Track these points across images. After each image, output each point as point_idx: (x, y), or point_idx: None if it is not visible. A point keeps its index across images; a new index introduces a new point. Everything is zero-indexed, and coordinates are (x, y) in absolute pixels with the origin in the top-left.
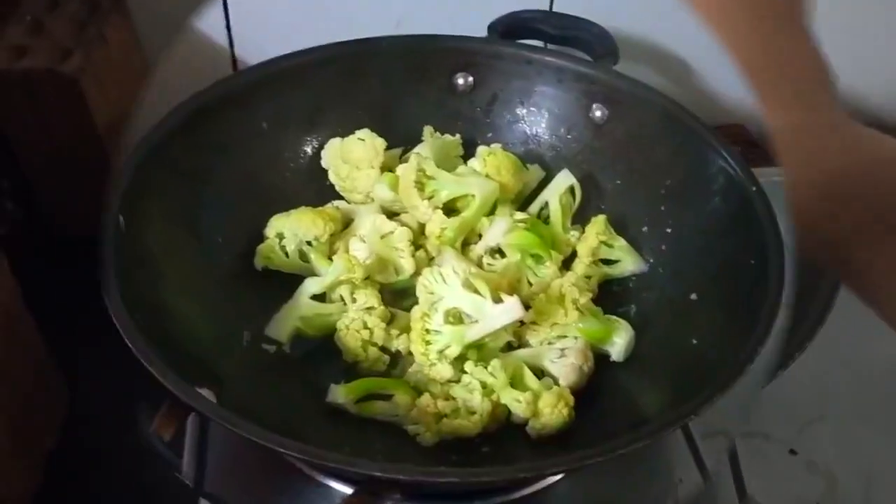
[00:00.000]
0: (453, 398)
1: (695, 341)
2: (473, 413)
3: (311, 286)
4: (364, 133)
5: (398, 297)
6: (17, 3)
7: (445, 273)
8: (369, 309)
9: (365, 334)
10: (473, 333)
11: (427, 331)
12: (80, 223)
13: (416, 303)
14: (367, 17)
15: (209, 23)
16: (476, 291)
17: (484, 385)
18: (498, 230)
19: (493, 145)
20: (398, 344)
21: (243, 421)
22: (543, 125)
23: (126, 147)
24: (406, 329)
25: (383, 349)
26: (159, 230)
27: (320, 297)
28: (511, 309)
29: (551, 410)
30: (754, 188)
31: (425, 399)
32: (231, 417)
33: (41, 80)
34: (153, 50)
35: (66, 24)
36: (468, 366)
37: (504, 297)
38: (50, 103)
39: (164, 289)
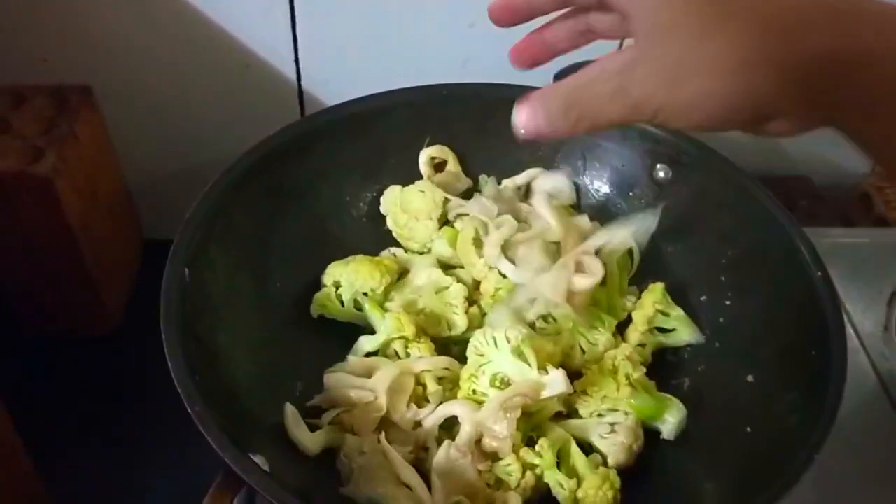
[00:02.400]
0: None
1: (749, 429)
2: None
3: (365, 345)
4: (424, 184)
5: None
6: None
7: (498, 337)
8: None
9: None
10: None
11: (474, 391)
12: (54, 322)
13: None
14: (434, 60)
15: (279, 58)
16: (524, 360)
17: (529, 466)
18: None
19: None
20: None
21: (290, 497)
22: (605, 180)
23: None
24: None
25: None
26: (222, 277)
27: (375, 353)
28: (554, 382)
29: (595, 492)
30: (820, 273)
31: None
32: (279, 493)
33: (13, 183)
34: (122, 143)
35: (34, 122)
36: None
37: (550, 369)
38: (23, 204)
39: (223, 340)
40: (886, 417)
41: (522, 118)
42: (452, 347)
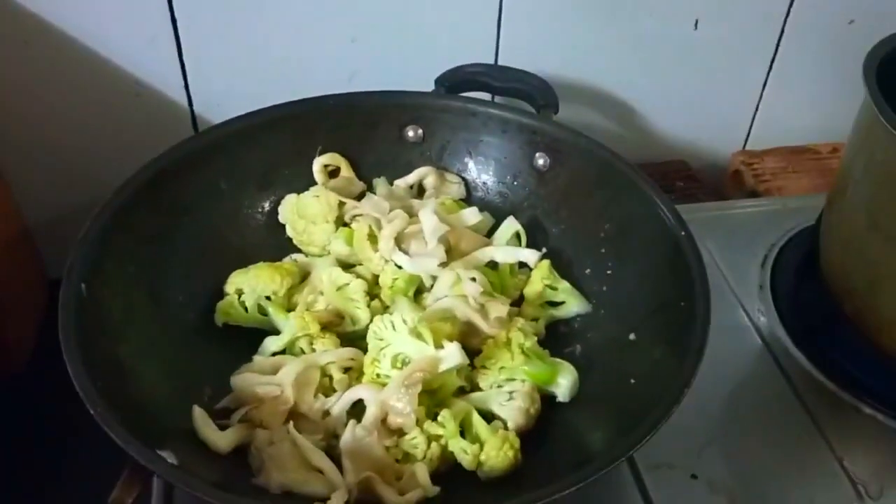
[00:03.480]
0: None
1: (633, 381)
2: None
3: (270, 345)
4: (319, 189)
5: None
6: None
7: (395, 321)
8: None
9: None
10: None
11: (378, 375)
12: None
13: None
14: (321, 73)
15: (168, 85)
16: (422, 339)
17: (434, 438)
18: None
19: (441, 196)
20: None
21: (202, 483)
22: (491, 173)
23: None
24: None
25: None
26: (121, 294)
27: (281, 352)
28: (451, 355)
29: (496, 454)
30: (683, 233)
31: None
32: (189, 480)
33: None
34: (18, 183)
35: None
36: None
37: (446, 343)
38: None
39: (125, 351)
40: (766, 366)
41: None
42: (358, 343)
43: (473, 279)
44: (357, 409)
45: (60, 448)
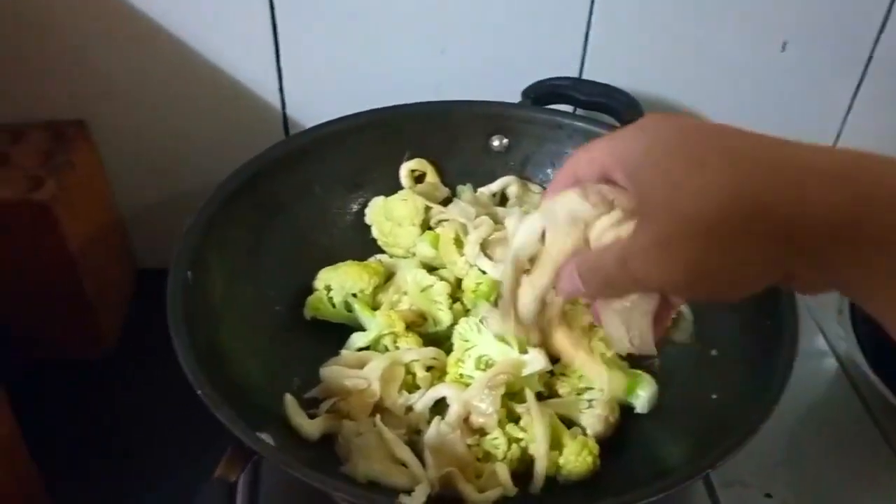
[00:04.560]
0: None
1: (714, 396)
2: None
3: (357, 340)
4: (406, 193)
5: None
6: None
7: (480, 323)
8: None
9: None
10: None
11: (461, 375)
12: (53, 349)
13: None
14: (409, 84)
15: (264, 87)
16: (506, 342)
17: (515, 440)
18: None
19: (524, 206)
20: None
21: (302, 466)
22: None
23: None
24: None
25: None
26: (221, 283)
27: (366, 348)
28: (535, 359)
29: (575, 459)
30: None
31: None
32: (291, 461)
33: (14, 210)
34: (115, 174)
35: (33, 155)
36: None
37: (529, 349)
38: (23, 231)
39: (224, 338)
40: (843, 390)
41: (562, 285)
42: (438, 343)
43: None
44: (438, 406)
45: (144, 430)
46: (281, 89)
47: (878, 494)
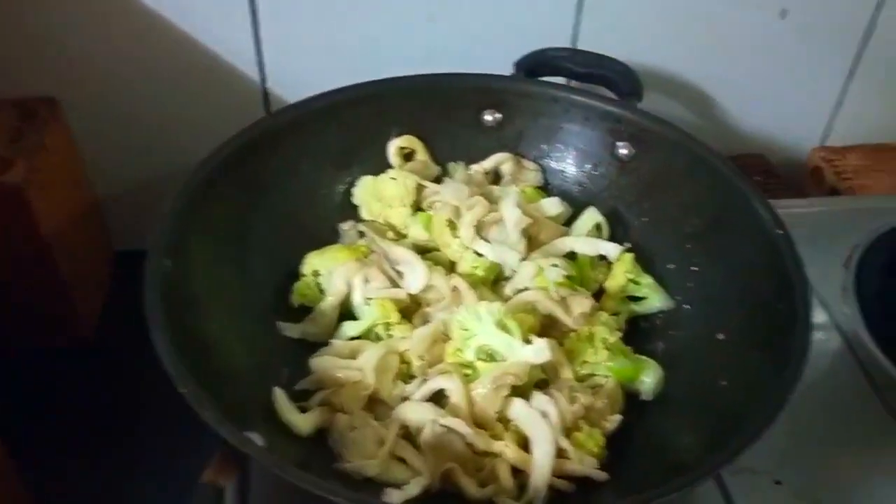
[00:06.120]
0: None
1: (724, 382)
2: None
3: (348, 329)
4: (396, 172)
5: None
6: None
7: (481, 311)
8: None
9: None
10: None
11: (460, 365)
12: (28, 337)
13: None
14: (395, 55)
15: (242, 60)
16: (508, 331)
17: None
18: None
19: (519, 184)
20: None
21: (294, 469)
22: (570, 161)
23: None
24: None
25: None
26: (202, 269)
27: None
28: (540, 351)
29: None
30: (780, 231)
31: None
32: (283, 465)
33: None
34: (90, 154)
35: (1, 135)
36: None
37: (533, 338)
38: None
39: (207, 328)
40: (850, 370)
41: None
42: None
43: (555, 265)
44: (435, 396)
45: (126, 418)
46: (260, 62)
47: (891, 479)
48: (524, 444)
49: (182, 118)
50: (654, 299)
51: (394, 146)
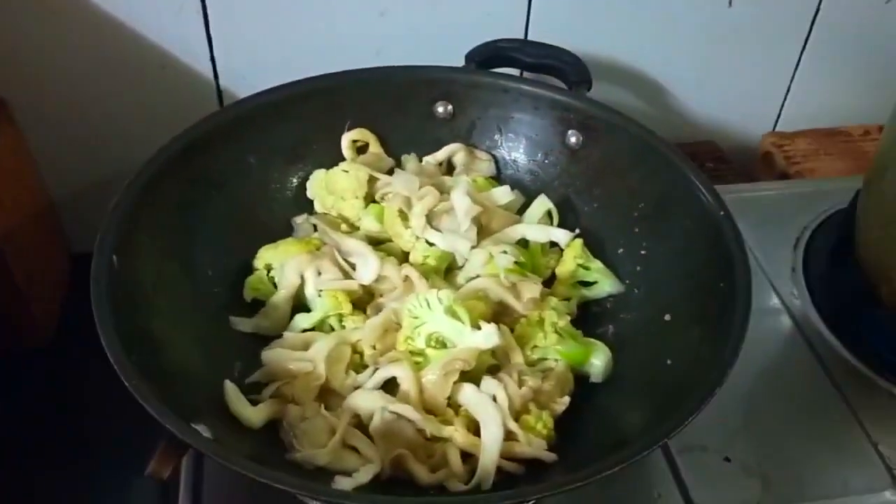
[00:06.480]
0: None
1: (669, 361)
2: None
3: (301, 322)
4: (348, 164)
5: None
6: None
7: (430, 299)
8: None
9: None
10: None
11: (411, 352)
12: None
13: None
14: (348, 47)
15: (194, 56)
16: (458, 318)
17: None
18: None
19: (471, 174)
20: None
21: (239, 458)
22: (521, 150)
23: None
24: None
25: None
26: (152, 266)
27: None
28: (489, 336)
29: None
30: (722, 213)
31: None
32: (227, 454)
33: None
34: (42, 155)
35: None
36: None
37: (482, 324)
38: None
39: (156, 324)
40: (799, 350)
41: None
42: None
43: (505, 252)
44: (387, 385)
45: (84, 422)
46: (212, 58)
47: (839, 456)
48: (475, 429)
49: (136, 116)
50: (605, 284)
51: (347, 139)
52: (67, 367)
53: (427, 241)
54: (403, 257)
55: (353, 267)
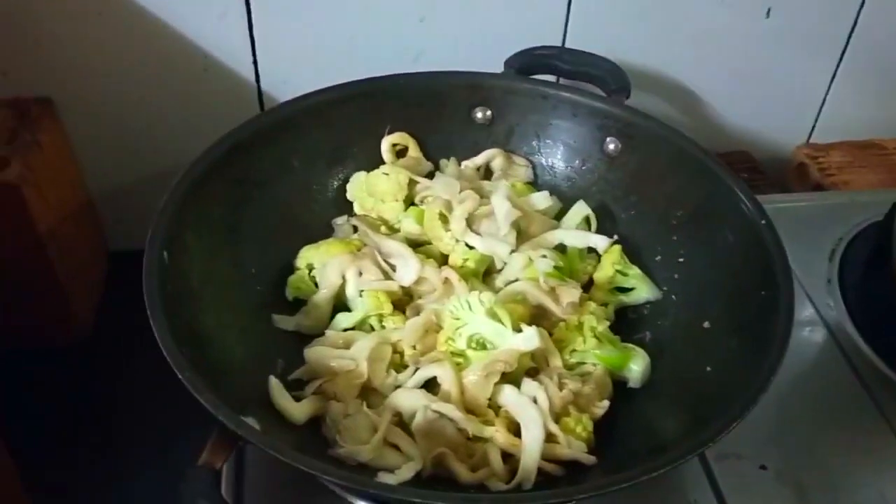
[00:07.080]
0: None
1: (709, 368)
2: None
3: (342, 321)
4: (388, 167)
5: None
6: None
7: (472, 301)
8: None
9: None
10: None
11: (452, 353)
12: (25, 336)
13: None
14: (388, 52)
15: (237, 60)
16: (498, 320)
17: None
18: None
19: (509, 179)
20: None
21: (289, 450)
22: (559, 157)
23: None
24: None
25: None
26: (199, 263)
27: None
28: (529, 338)
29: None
30: (763, 221)
31: None
32: (279, 446)
33: None
34: (84, 153)
35: None
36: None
37: (524, 327)
38: None
39: (203, 320)
40: (834, 360)
41: None
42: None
43: (545, 256)
44: (427, 385)
45: (122, 416)
46: (255, 62)
47: (874, 465)
48: (515, 429)
49: (177, 118)
50: (642, 290)
51: (386, 143)
52: (104, 361)
53: (467, 245)
54: (442, 260)
55: (392, 268)
